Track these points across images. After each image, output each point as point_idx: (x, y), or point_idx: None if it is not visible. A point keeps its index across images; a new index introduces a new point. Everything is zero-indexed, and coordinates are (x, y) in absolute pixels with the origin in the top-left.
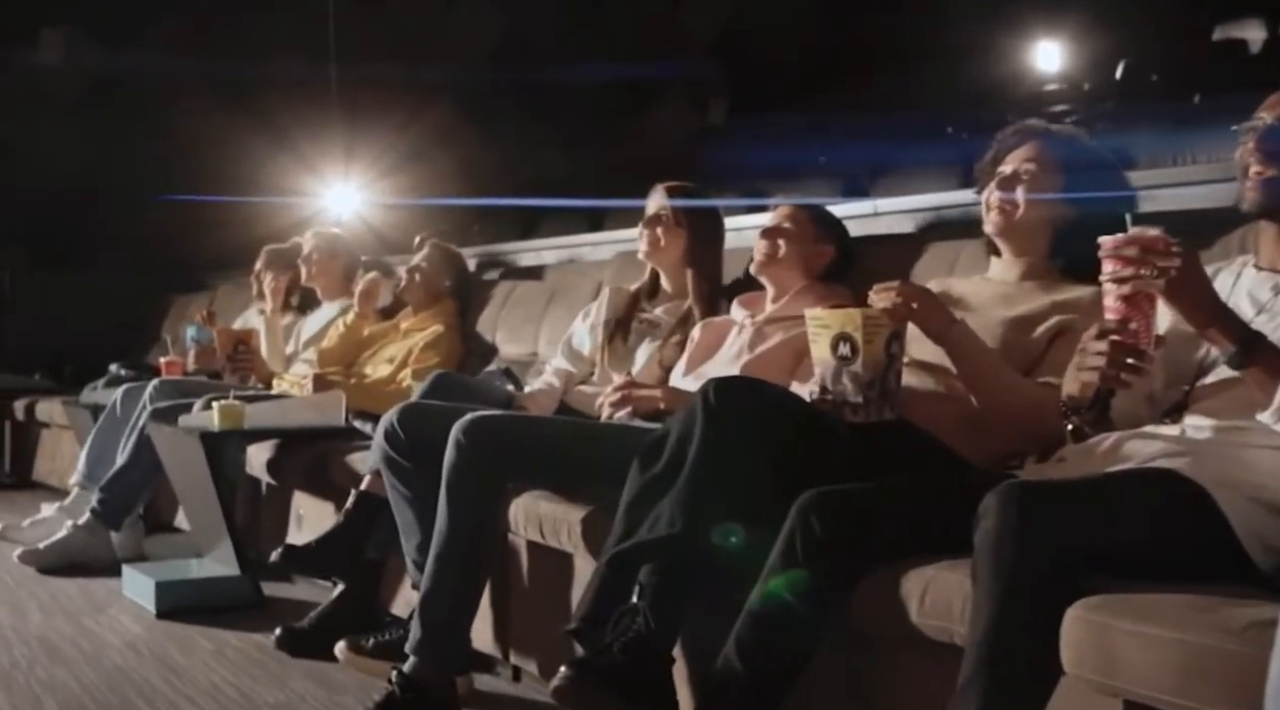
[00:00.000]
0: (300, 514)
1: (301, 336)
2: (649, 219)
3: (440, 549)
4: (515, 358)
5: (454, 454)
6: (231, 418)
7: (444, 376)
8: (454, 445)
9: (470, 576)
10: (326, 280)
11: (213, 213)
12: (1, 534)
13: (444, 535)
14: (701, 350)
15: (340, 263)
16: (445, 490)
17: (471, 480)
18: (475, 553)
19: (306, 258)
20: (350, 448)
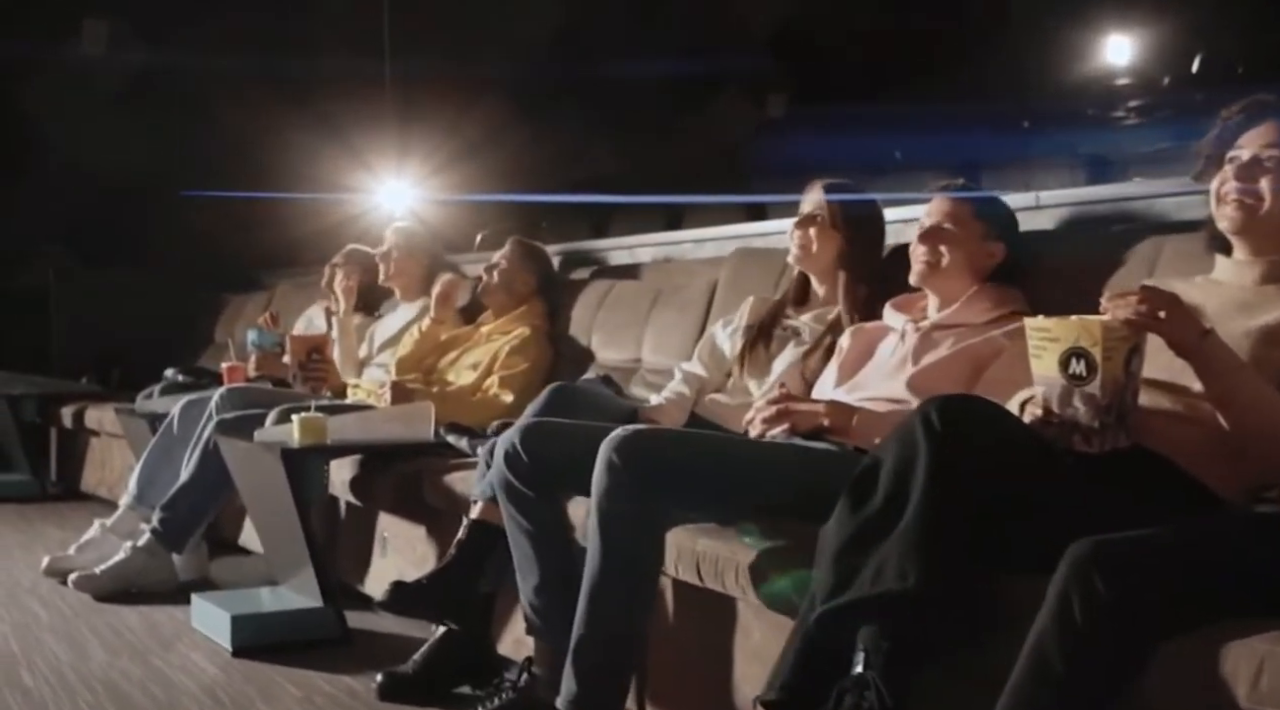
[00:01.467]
0: (385, 537)
1: (375, 340)
2: (803, 219)
3: (593, 590)
4: (616, 364)
5: (606, 478)
6: (314, 432)
7: (563, 388)
8: (606, 468)
9: (631, 621)
10: (406, 280)
11: (264, 210)
12: (50, 568)
13: (597, 573)
14: (853, 359)
15: (421, 262)
16: (598, 520)
17: (630, 508)
18: (635, 592)
19: (385, 255)
20: (446, 466)
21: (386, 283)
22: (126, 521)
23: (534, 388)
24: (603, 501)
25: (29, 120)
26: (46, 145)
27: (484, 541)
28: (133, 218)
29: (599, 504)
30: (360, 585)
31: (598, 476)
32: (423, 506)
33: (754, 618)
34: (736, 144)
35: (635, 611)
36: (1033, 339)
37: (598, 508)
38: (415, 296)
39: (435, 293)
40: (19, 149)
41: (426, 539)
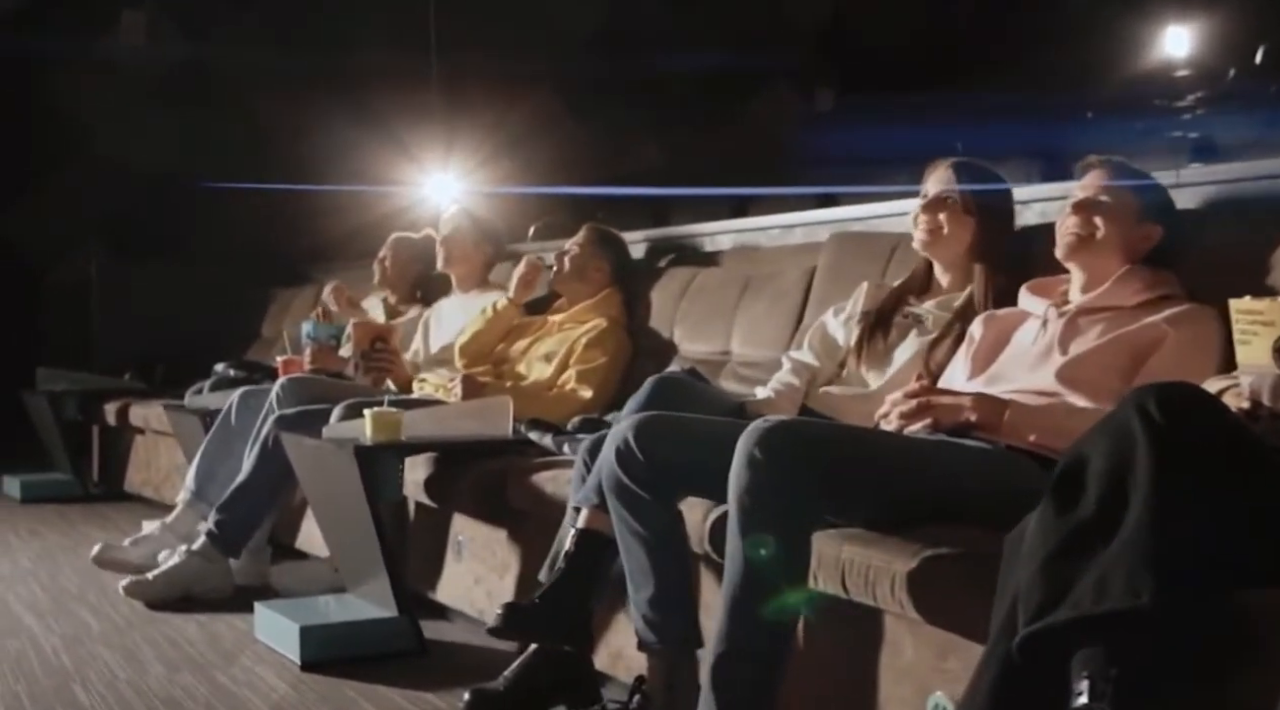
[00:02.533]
0: (460, 541)
1: (433, 334)
2: (931, 202)
3: (736, 601)
4: (702, 357)
5: (748, 475)
6: (388, 428)
7: (667, 379)
8: (747, 463)
9: (780, 639)
10: (466, 268)
11: (309, 203)
12: (100, 557)
13: (740, 583)
14: (987, 349)
15: (484, 249)
16: (739, 522)
17: (775, 508)
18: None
19: (447, 240)
20: (533, 465)
21: (445, 269)
22: (184, 521)
23: (612, 383)
24: (744, 501)
25: (68, 113)
26: (86, 138)
27: (596, 553)
28: (174, 212)
29: (740, 504)
30: (431, 592)
31: (738, 474)
32: (505, 508)
33: (906, 633)
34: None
35: (787, 630)
36: (1239, 323)
37: (739, 509)
38: (472, 286)
39: (519, 272)
40: (58, 142)
41: (508, 543)
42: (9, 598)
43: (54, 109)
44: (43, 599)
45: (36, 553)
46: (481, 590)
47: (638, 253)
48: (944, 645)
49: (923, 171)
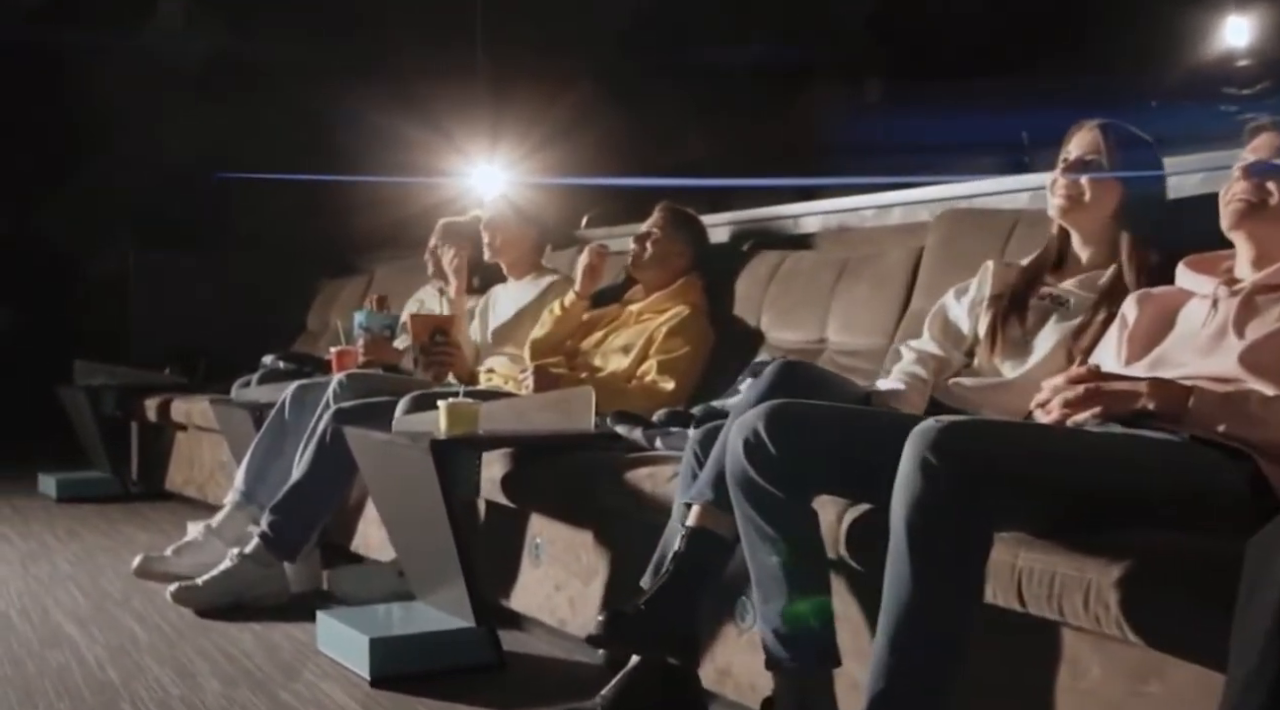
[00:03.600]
0: (538, 543)
1: (490, 323)
2: (1073, 164)
3: (903, 628)
4: (793, 346)
5: (921, 482)
6: (464, 420)
7: (792, 365)
8: (919, 469)
9: (951, 666)
10: (516, 254)
11: (354, 194)
12: (143, 568)
13: (908, 606)
14: (1147, 330)
15: (531, 233)
16: (908, 537)
17: (952, 520)
18: (958, 629)
19: (490, 224)
20: (627, 461)
21: (493, 258)
22: (233, 523)
23: (695, 374)
24: (914, 513)
25: (104, 104)
26: (123, 129)
27: (707, 554)
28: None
29: (910, 517)
30: (505, 600)
31: (908, 482)
32: (593, 508)
33: (1090, 651)
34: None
35: (957, 652)
36: None
37: (908, 521)
38: (525, 272)
39: (582, 263)
40: (95, 133)
41: (594, 546)
42: (48, 604)
43: (90, 100)
44: (84, 606)
45: (76, 555)
46: (563, 597)
47: (716, 237)
48: (1142, 666)
49: (976, 158)
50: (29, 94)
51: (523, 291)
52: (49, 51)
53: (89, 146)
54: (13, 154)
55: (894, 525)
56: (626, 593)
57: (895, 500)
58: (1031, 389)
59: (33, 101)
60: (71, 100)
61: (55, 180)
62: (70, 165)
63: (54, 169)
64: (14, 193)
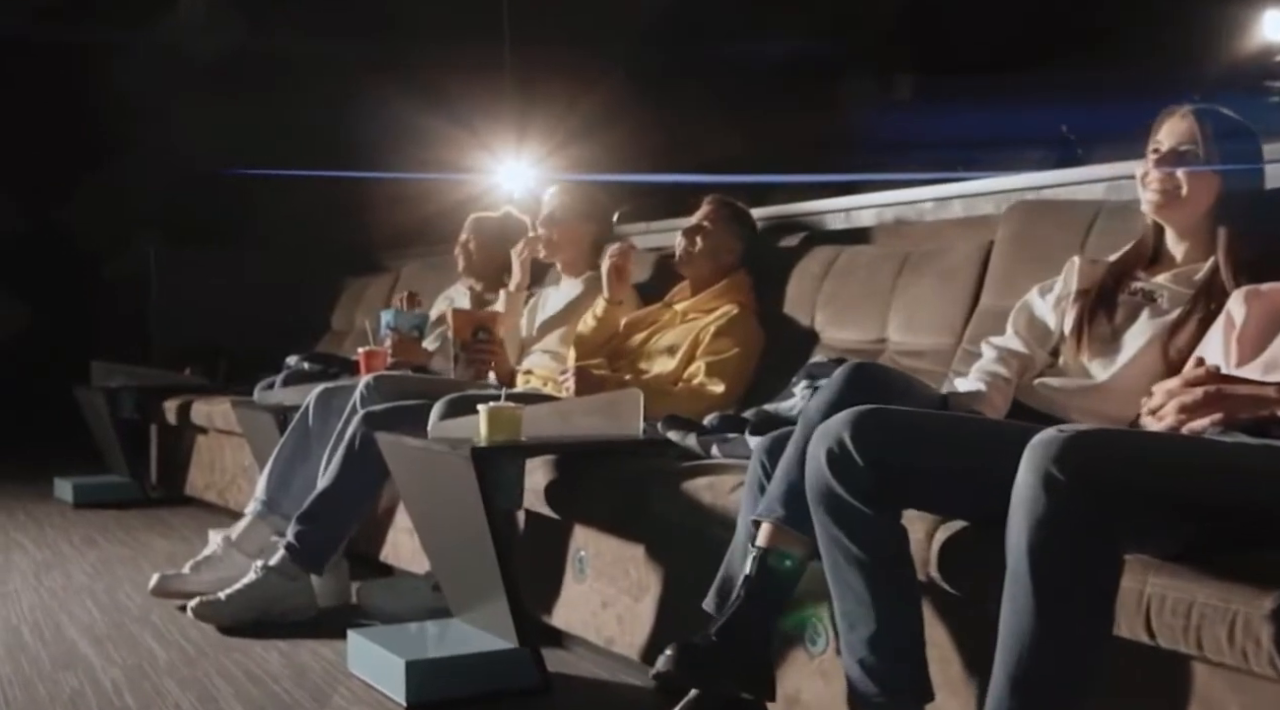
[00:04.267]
0: (582, 557)
1: (536, 320)
2: (1165, 156)
3: (1027, 664)
4: (851, 346)
5: (1046, 502)
6: (507, 426)
7: (866, 367)
8: (1044, 485)
9: (1081, 706)
10: (573, 252)
11: (380, 191)
12: (161, 587)
13: (1031, 638)
14: (1257, 330)
15: (589, 228)
16: (1029, 561)
17: (1083, 543)
18: (1086, 666)
19: (549, 219)
20: (682, 469)
21: (549, 256)
22: (254, 535)
23: (745, 375)
24: (1038, 534)
25: (125, 100)
26: (143, 126)
27: (780, 577)
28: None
29: (1033, 538)
30: (546, 616)
31: (1031, 498)
32: (642, 520)
33: (1227, 689)
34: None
35: (1088, 690)
36: None
37: (1031, 544)
38: (580, 271)
39: (606, 267)
40: (114, 130)
41: (646, 561)
42: (63, 620)
43: (111, 97)
44: (101, 622)
45: (93, 565)
46: (610, 615)
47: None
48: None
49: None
50: (49, 91)
51: (570, 290)
52: (69, 49)
53: (109, 144)
54: (32, 151)
55: (1012, 548)
56: (682, 610)
57: (1014, 520)
58: (1122, 390)
59: (53, 99)
60: (92, 97)
61: (74, 178)
62: (90, 162)
63: (73, 166)
64: (33, 190)
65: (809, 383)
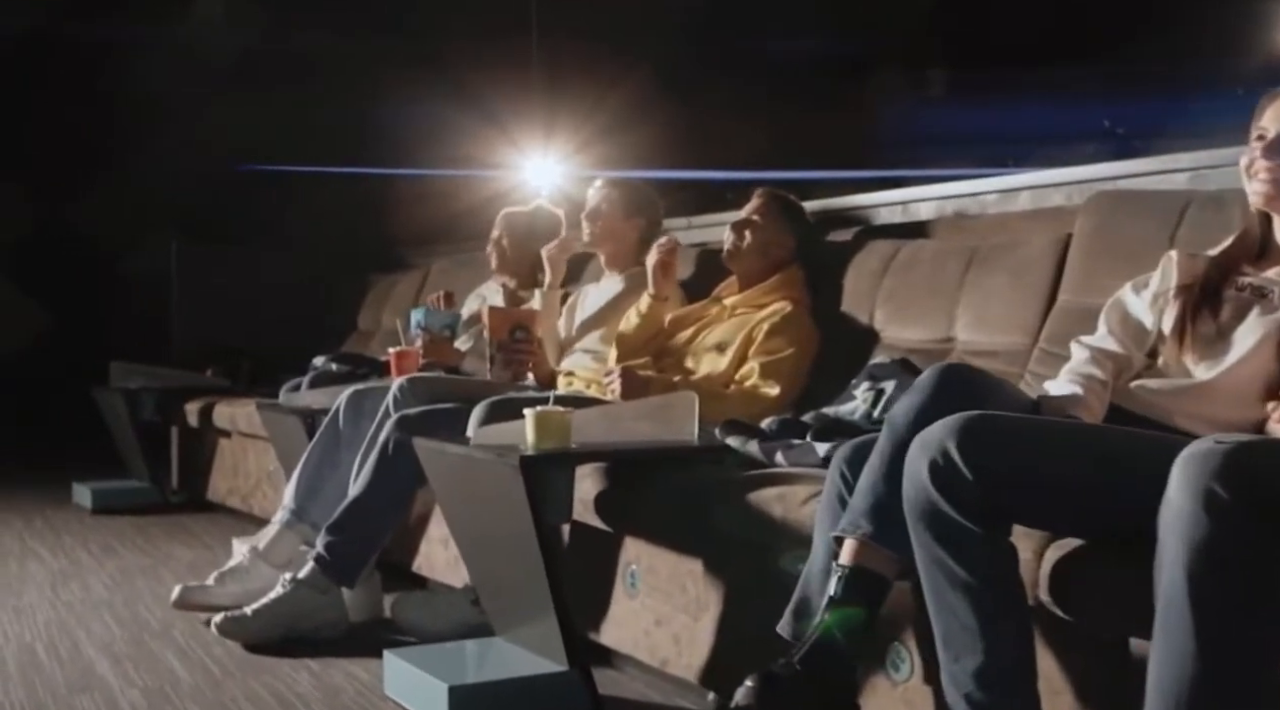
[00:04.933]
0: (634, 571)
1: (576, 319)
2: (1273, 143)
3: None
4: (915, 345)
5: (1207, 521)
6: (556, 432)
7: (954, 369)
8: (1202, 504)
9: None
10: (617, 247)
11: (405, 187)
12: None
13: (1193, 678)
14: None
15: (636, 222)
16: (1189, 590)
17: (1252, 569)
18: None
19: (594, 212)
20: (745, 479)
21: (592, 247)
22: (282, 545)
23: (800, 376)
24: (1199, 559)
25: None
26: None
27: (867, 599)
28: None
29: (1193, 565)
30: (594, 633)
31: (1189, 519)
32: (701, 533)
33: None
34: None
35: None
36: None
37: (1191, 571)
38: (624, 266)
39: (652, 262)
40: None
41: (705, 576)
42: (80, 636)
43: (129, 93)
44: (120, 638)
45: (111, 576)
46: (665, 634)
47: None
48: None
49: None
50: (67, 88)
51: (612, 287)
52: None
53: (128, 140)
54: (50, 148)
55: (1167, 577)
56: (744, 630)
57: (1167, 545)
58: (1230, 391)
59: (71, 95)
60: (110, 94)
61: (93, 175)
62: (109, 159)
63: (92, 164)
64: (50, 187)
65: (871, 384)
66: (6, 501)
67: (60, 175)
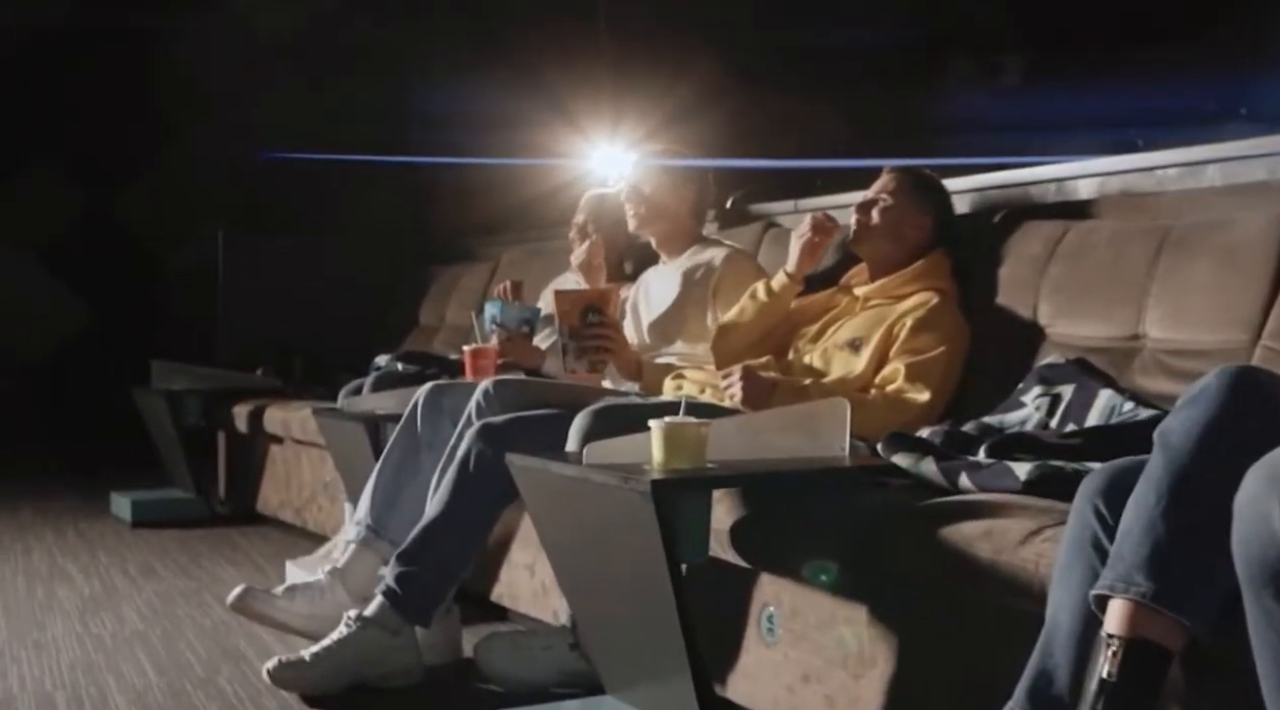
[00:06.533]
0: (772, 615)
1: (643, 316)
2: None
3: None
4: (1092, 344)
5: None
6: (688, 449)
7: (1251, 374)
8: None
9: None
10: (668, 225)
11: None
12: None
13: None
14: None
15: (689, 196)
16: None
17: None
18: None
19: (634, 192)
20: (934, 510)
21: (639, 230)
22: (362, 566)
23: (953, 379)
24: None
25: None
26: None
27: (1151, 677)
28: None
29: None
30: (720, 686)
31: None
32: (871, 574)
33: None
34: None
35: None
36: None
37: None
38: (683, 246)
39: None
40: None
41: (872, 627)
42: (108, 684)
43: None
44: (155, 685)
45: (149, 602)
46: (815, 694)
47: None
48: None
49: None
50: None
51: (673, 277)
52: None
53: (176, 128)
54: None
55: None
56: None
57: None
58: None
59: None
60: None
61: (138, 164)
62: (155, 148)
63: (137, 152)
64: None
65: (1044, 389)
66: (39, 513)
67: (101, 164)
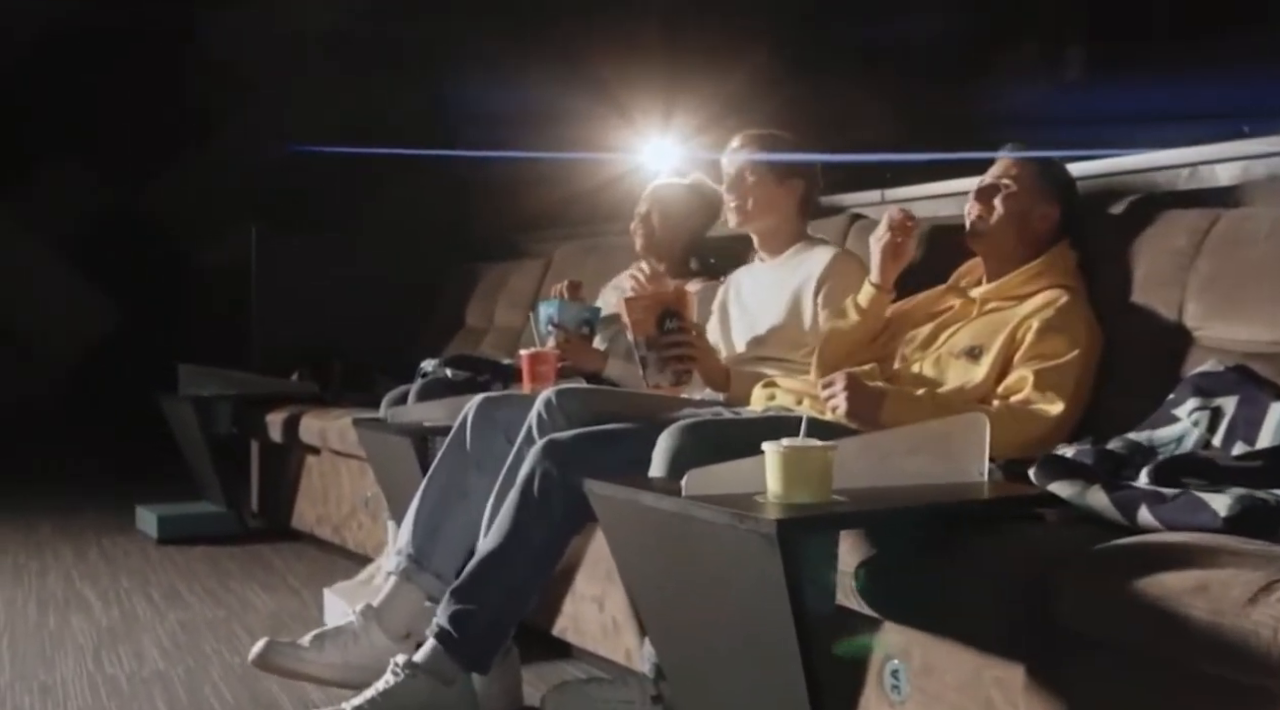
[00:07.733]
0: (897, 670)
1: (735, 323)
2: None
3: None
4: (1251, 348)
5: None
6: (814, 477)
7: None
8: None
9: None
10: (775, 218)
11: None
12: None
13: None
14: None
15: (794, 186)
16: None
17: None
18: None
19: (736, 183)
20: (1117, 554)
21: (741, 226)
22: (403, 602)
23: (1087, 387)
24: None
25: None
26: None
27: None
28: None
29: None
30: None
31: None
32: (1031, 624)
33: None
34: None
35: None
36: None
37: None
38: (786, 243)
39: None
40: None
41: (1030, 692)
42: None
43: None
44: None
45: (172, 634)
46: None
47: None
48: None
49: None
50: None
51: (782, 276)
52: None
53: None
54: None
55: None
56: None
57: None
58: None
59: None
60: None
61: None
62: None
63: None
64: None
65: (1201, 402)
66: (60, 529)
67: (131, 160)
